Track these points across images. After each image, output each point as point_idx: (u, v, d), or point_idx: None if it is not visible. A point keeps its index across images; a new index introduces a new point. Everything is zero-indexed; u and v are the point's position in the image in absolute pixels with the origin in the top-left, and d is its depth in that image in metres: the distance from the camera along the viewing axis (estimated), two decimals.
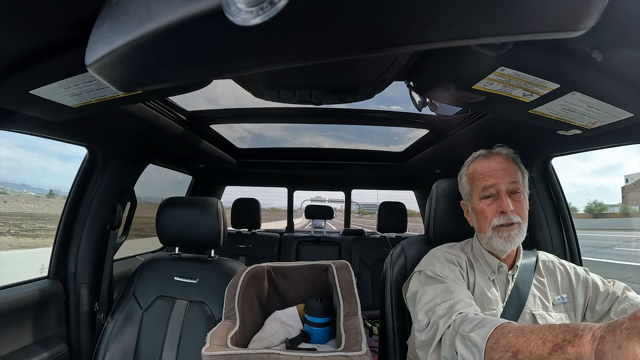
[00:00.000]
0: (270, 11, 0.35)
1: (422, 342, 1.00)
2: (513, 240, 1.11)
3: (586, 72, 0.84)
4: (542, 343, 0.69)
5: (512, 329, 0.78)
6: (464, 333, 0.84)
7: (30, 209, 14.10)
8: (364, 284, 3.16)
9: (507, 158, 1.19)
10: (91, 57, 0.52)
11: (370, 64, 1.17)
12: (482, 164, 1.19)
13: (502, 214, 1.11)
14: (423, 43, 0.47)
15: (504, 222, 1.11)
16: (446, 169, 2.68)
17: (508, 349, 0.74)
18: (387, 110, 2.17)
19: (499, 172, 1.15)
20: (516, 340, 0.74)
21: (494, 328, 0.79)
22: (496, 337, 0.77)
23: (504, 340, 0.76)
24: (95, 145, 1.73)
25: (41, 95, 0.99)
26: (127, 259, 2.33)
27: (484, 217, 1.15)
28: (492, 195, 1.15)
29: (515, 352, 0.72)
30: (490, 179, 1.15)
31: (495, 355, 0.75)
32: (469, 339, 0.82)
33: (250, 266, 1.50)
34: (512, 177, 1.14)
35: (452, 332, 0.89)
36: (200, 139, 2.25)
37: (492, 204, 1.14)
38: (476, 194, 1.18)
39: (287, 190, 4.02)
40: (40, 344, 1.56)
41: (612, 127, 1.08)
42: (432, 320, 0.98)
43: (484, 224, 1.15)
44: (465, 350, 0.82)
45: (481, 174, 1.18)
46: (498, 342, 0.76)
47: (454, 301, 0.98)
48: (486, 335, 0.79)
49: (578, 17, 0.44)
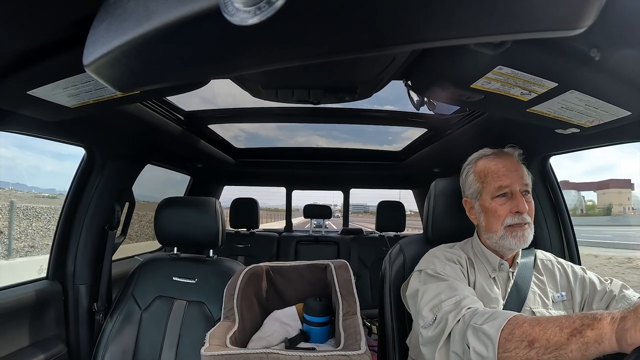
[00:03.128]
0: (267, 10, 0.35)
1: (428, 339, 0.97)
2: (526, 240, 1.12)
3: (584, 70, 0.84)
4: (559, 330, 0.69)
5: (527, 319, 0.77)
6: (476, 325, 0.83)
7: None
8: (363, 283, 3.16)
9: (518, 159, 1.20)
10: (89, 57, 0.52)
11: (368, 63, 1.17)
12: (496, 163, 1.18)
13: (517, 213, 1.11)
14: (421, 42, 0.47)
15: (518, 222, 1.11)
16: (444, 168, 2.69)
17: (524, 339, 0.73)
18: (385, 109, 2.17)
19: (514, 172, 1.15)
20: (532, 329, 0.74)
21: (508, 319, 0.79)
22: (510, 328, 0.77)
23: (519, 330, 0.75)
24: (93, 146, 1.73)
25: (39, 95, 0.98)
26: (126, 259, 2.33)
27: (496, 216, 1.14)
28: (507, 194, 1.14)
29: (532, 341, 0.72)
30: (506, 179, 1.14)
31: (510, 346, 0.75)
32: (482, 331, 0.81)
33: (249, 266, 1.50)
34: (525, 179, 1.15)
35: (462, 326, 0.88)
36: (198, 139, 2.25)
37: (506, 204, 1.13)
38: (488, 192, 1.17)
39: (285, 189, 4.02)
40: (39, 344, 1.55)
41: (609, 125, 1.08)
42: (439, 315, 0.96)
43: (495, 223, 1.15)
44: (477, 342, 0.81)
45: (495, 172, 1.16)
46: (513, 332, 0.76)
47: (460, 297, 0.97)
48: (500, 326, 0.78)
49: (576, 16, 0.44)
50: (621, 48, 0.76)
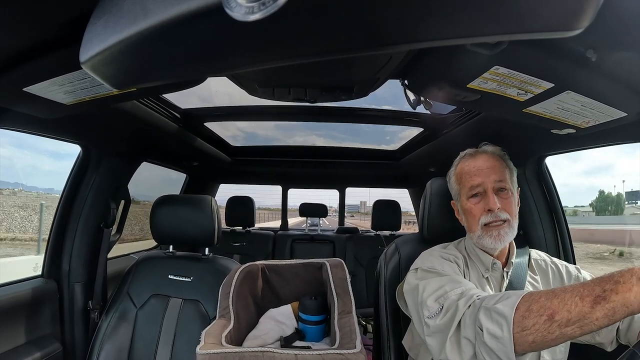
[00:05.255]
0: (271, 7, 0.35)
1: (436, 327, 0.94)
2: (503, 239, 1.11)
3: (580, 71, 0.84)
4: (579, 299, 0.68)
5: (542, 293, 0.76)
6: (487, 306, 0.82)
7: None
8: (358, 282, 3.17)
9: (492, 155, 1.19)
10: (85, 54, 0.52)
11: (365, 62, 1.17)
12: (469, 163, 1.19)
13: (489, 211, 1.11)
14: (418, 42, 0.47)
15: (492, 220, 1.11)
16: (440, 168, 2.68)
17: (542, 313, 0.72)
18: (382, 108, 2.17)
19: (485, 170, 1.14)
20: (550, 302, 0.72)
21: (522, 297, 0.77)
22: (526, 304, 0.75)
23: (536, 305, 0.73)
24: (89, 143, 1.72)
25: (35, 92, 0.98)
26: (121, 257, 2.32)
27: (472, 216, 1.15)
28: (479, 193, 1.14)
29: (552, 314, 0.70)
30: (477, 177, 1.14)
31: (528, 322, 0.73)
32: (495, 310, 0.79)
33: (244, 264, 1.50)
34: (499, 175, 1.14)
35: (473, 310, 0.86)
36: (194, 137, 2.24)
37: (479, 203, 1.14)
38: (464, 193, 1.18)
39: (281, 188, 4.01)
40: (34, 343, 1.54)
41: (605, 126, 1.09)
42: (445, 304, 0.94)
43: (473, 223, 1.15)
44: (490, 323, 0.79)
45: (468, 173, 1.17)
46: (530, 308, 0.74)
47: (466, 288, 0.96)
48: (514, 304, 0.77)
49: (573, 17, 0.44)
50: (617, 49, 0.76)
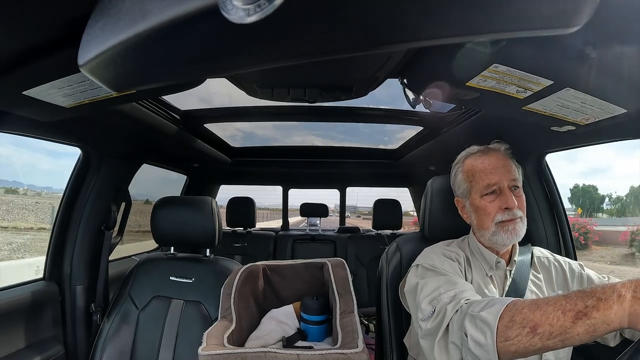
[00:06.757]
0: (267, 8, 0.35)
1: (427, 331, 0.96)
2: (518, 234, 1.11)
3: (580, 68, 0.84)
4: (561, 313, 0.68)
5: (525, 303, 0.75)
6: (473, 313, 0.82)
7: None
8: (360, 281, 3.16)
9: (505, 154, 1.19)
10: (84, 57, 0.52)
11: (364, 61, 1.17)
12: (482, 161, 1.18)
13: (507, 210, 1.11)
14: (416, 41, 0.47)
15: (509, 218, 1.11)
16: (441, 166, 2.69)
17: (525, 325, 0.72)
18: (381, 107, 2.17)
19: (501, 168, 1.14)
20: (532, 314, 0.72)
21: (506, 305, 0.77)
22: (510, 314, 0.75)
23: (520, 316, 0.73)
24: (89, 146, 1.72)
25: (34, 95, 0.98)
26: (123, 259, 2.32)
27: (487, 213, 1.14)
28: (495, 192, 1.14)
29: (534, 326, 0.70)
30: (493, 176, 1.13)
31: (511, 333, 0.73)
32: (479, 318, 0.79)
33: (245, 265, 1.50)
34: (513, 174, 1.14)
35: (459, 315, 0.86)
36: (194, 138, 2.24)
37: (495, 201, 1.13)
38: (477, 190, 1.17)
39: (282, 188, 4.01)
40: (36, 346, 1.55)
41: (605, 123, 1.08)
42: (437, 307, 0.95)
43: (486, 220, 1.14)
44: (475, 330, 0.79)
45: (482, 170, 1.16)
46: (513, 319, 0.74)
47: (459, 290, 0.96)
48: (498, 312, 0.76)
49: (571, 14, 0.44)
50: (617, 46, 0.76)
